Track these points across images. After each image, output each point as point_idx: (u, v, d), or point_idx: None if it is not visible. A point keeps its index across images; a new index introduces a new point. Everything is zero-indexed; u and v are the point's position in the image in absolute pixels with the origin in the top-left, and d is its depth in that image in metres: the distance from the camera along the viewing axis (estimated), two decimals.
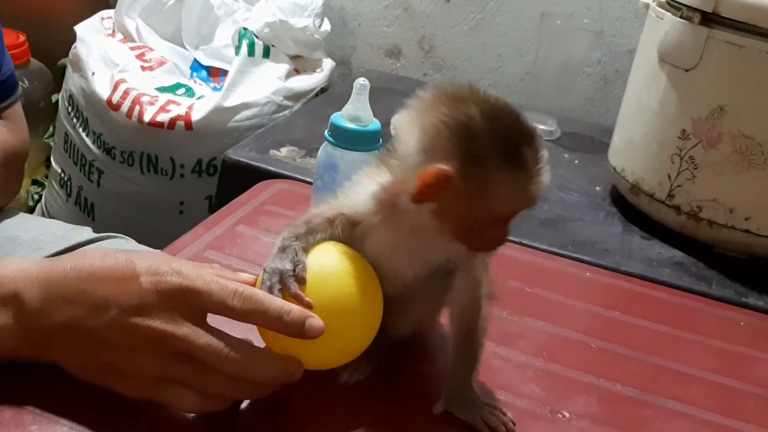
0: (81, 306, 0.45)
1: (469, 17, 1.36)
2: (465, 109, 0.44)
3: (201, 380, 0.45)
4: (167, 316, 0.44)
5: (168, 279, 0.44)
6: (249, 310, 0.45)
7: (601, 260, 0.79)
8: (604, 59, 1.30)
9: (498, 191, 0.44)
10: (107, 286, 0.45)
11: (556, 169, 1.03)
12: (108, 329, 0.44)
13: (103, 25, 1.30)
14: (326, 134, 0.69)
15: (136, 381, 0.46)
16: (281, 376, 0.47)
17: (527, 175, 0.44)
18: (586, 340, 0.66)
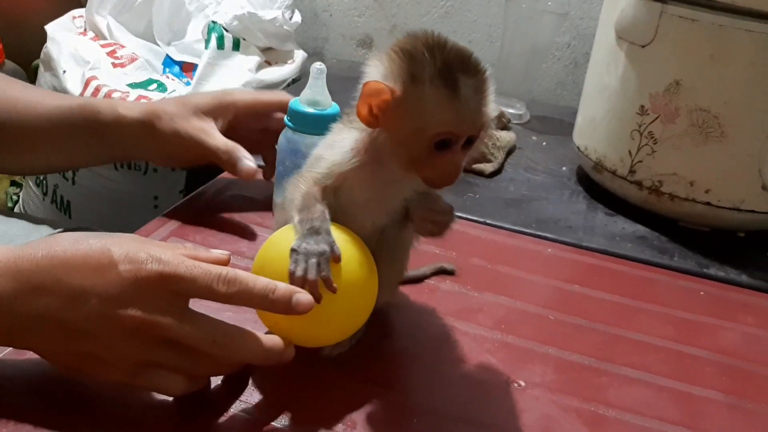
0: (57, 296, 0.44)
1: (439, 5, 1.37)
2: (413, 41, 0.49)
3: (187, 364, 0.46)
4: (149, 305, 0.44)
5: (148, 267, 0.44)
6: (234, 292, 0.45)
7: (564, 237, 0.80)
8: (573, 42, 1.31)
9: (430, 108, 0.47)
10: (84, 274, 0.44)
11: (523, 151, 1.04)
12: (88, 320, 0.44)
13: (74, 24, 1.30)
14: (286, 119, 0.69)
15: (118, 368, 0.45)
16: (269, 359, 0.48)
17: (460, 98, 0.47)
18: (545, 313, 0.67)
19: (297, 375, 0.52)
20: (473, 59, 0.49)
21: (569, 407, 0.55)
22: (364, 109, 0.49)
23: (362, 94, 0.48)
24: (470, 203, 0.86)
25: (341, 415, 0.50)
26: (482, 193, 0.89)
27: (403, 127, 0.48)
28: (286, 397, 0.51)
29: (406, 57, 0.48)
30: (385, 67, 0.49)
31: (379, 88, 0.47)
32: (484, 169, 0.93)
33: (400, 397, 0.53)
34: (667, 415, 0.55)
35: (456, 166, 0.49)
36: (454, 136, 0.48)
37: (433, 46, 0.48)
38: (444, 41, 0.48)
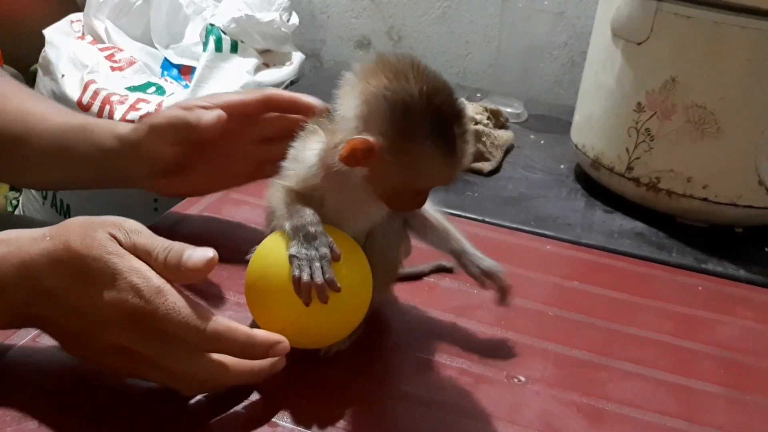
0: (54, 307, 0.46)
1: (436, 5, 1.37)
2: (406, 85, 0.46)
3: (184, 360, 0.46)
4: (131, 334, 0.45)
5: (129, 300, 0.44)
6: (209, 348, 0.46)
7: (563, 234, 0.81)
8: (570, 42, 1.32)
9: (424, 167, 0.47)
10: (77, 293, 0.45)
11: (521, 149, 1.04)
12: (78, 332, 0.46)
13: (72, 28, 1.31)
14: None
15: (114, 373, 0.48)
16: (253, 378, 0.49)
17: (453, 154, 0.46)
18: (544, 309, 0.67)
19: (296, 371, 0.53)
20: (459, 101, 0.47)
21: (569, 402, 0.55)
22: (350, 161, 0.47)
23: (348, 147, 0.46)
24: (469, 202, 0.86)
25: (341, 410, 0.50)
26: (481, 192, 0.89)
27: (388, 177, 0.47)
28: (285, 393, 0.51)
29: (396, 106, 0.45)
30: (369, 108, 0.46)
31: (368, 146, 0.46)
32: (482, 167, 0.94)
33: (400, 392, 0.53)
34: (666, 409, 0.56)
35: (425, 201, 0.51)
36: (433, 186, 0.49)
37: (424, 92, 0.45)
38: (432, 81, 0.46)
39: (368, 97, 0.46)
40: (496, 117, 1.04)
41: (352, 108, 0.47)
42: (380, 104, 0.46)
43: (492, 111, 1.03)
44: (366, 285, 0.52)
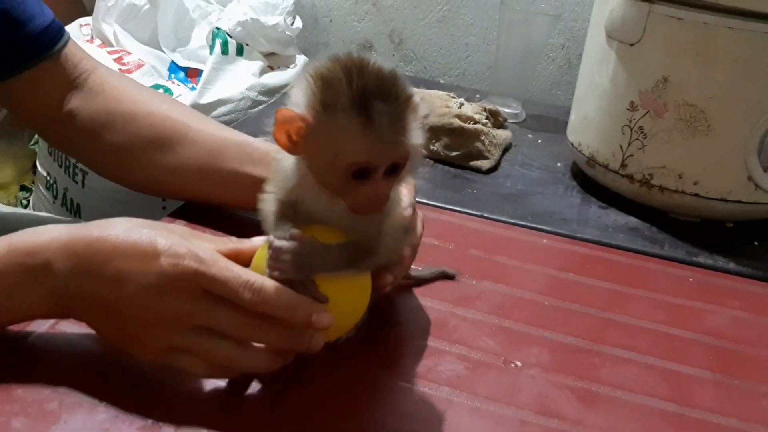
0: (103, 277, 0.48)
1: (436, 9, 1.40)
2: (333, 65, 0.47)
3: (210, 352, 0.49)
4: (182, 296, 0.47)
5: (185, 263, 0.47)
6: (259, 301, 0.48)
7: (559, 229, 0.84)
8: (567, 44, 1.35)
9: (342, 137, 0.46)
10: (129, 261, 0.47)
11: (519, 148, 1.07)
12: (125, 303, 0.48)
13: (81, 32, 1.34)
14: None
15: (150, 350, 0.49)
16: (297, 344, 0.50)
17: (374, 126, 0.46)
18: (540, 299, 0.70)
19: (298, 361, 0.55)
20: (394, 84, 0.47)
21: (563, 385, 0.58)
22: (282, 137, 0.47)
23: (275, 122, 0.47)
24: (468, 198, 0.89)
25: (343, 393, 0.53)
26: (479, 189, 0.92)
27: (318, 155, 0.48)
28: (287, 377, 0.54)
29: (321, 82, 0.46)
30: (303, 92, 0.47)
31: (290, 115, 0.46)
32: (481, 165, 0.97)
33: (401, 376, 0.56)
34: (656, 392, 0.58)
35: (378, 195, 0.48)
36: (370, 166, 0.47)
37: (351, 71, 0.46)
38: (365, 65, 0.46)
39: (300, 81, 0.48)
40: (494, 117, 1.06)
41: (291, 97, 0.48)
42: (307, 83, 0.47)
43: (491, 111, 1.06)
44: (364, 281, 0.53)
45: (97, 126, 0.72)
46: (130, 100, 0.73)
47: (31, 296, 0.50)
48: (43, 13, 0.73)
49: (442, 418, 0.53)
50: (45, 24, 0.73)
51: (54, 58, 0.72)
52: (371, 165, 0.47)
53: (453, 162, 0.98)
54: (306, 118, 0.47)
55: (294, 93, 0.48)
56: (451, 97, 1.04)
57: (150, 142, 0.71)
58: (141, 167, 0.73)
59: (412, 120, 0.47)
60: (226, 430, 0.49)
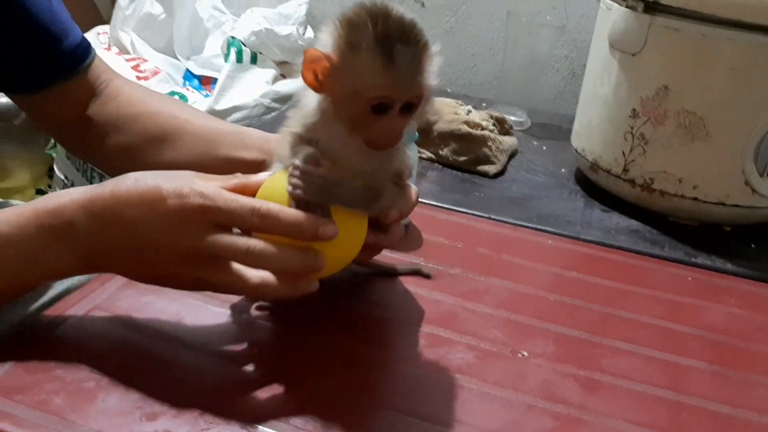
0: (120, 228, 0.51)
1: (444, 20, 1.45)
2: (359, 10, 0.51)
3: (230, 281, 0.52)
4: (192, 232, 0.50)
5: (191, 200, 0.50)
6: (266, 225, 0.51)
7: (563, 230, 0.87)
8: (571, 55, 1.39)
9: (366, 73, 0.50)
10: (139, 209, 0.51)
11: (525, 154, 1.11)
12: (143, 248, 0.52)
13: (99, 40, 1.38)
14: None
15: (178, 284, 0.54)
16: (303, 265, 0.52)
17: (395, 63, 0.50)
18: (545, 295, 0.73)
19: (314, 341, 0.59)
20: (414, 30, 0.51)
21: (567, 373, 0.61)
22: (309, 75, 0.52)
23: (304, 61, 0.51)
24: (475, 201, 0.93)
25: (360, 377, 0.57)
26: (486, 193, 0.96)
27: (341, 91, 0.51)
28: (294, 357, 0.57)
29: (348, 25, 0.51)
30: (330, 34, 0.51)
31: (317, 55, 0.51)
32: (488, 170, 1.00)
33: (416, 365, 0.59)
34: (654, 381, 0.62)
35: (394, 130, 0.52)
36: (389, 100, 0.51)
37: (376, 15, 0.50)
38: (388, 11, 0.50)
39: (328, 25, 0.52)
40: (501, 124, 1.10)
41: (319, 39, 0.52)
42: (335, 26, 0.51)
43: (497, 118, 1.10)
44: (363, 221, 0.55)
45: (107, 129, 0.76)
46: (139, 103, 0.77)
47: (58, 254, 0.53)
48: (75, 30, 0.77)
49: (454, 401, 0.56)
50: (77, 41, 0.77)
51: (82, 73, 0.76)
52: (390, 100, 0.51)
53: (461, 167, 1.01)
54: (332, 57, 0.51)
55: (322, 35, 0.52)
56: (459, 105, 1.08)
57: (153, 139, 0.74)
58: (146, 164, 0.75)
59: (428, 63, 0.52)
60: (249, 409, 0.52)
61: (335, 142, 0.54)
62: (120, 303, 0.62)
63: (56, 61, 0.75)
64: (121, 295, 0.63)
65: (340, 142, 0.53)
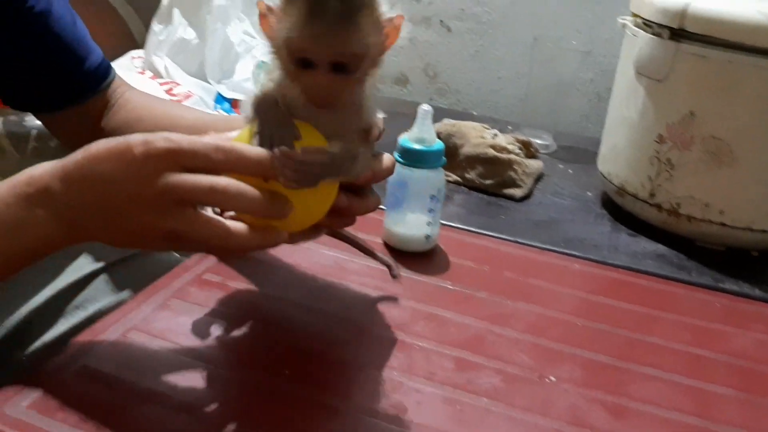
0: (93, 184, 0.51)
1: (469, 45, 1.46)
2: None
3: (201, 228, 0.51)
4: (158, 176, 0.50)
5: (156, 144, 0.50)
6: (232, 160, 0.50)
7: (590, 254, 0.88)
8: (596, 78, 1.40)
9: (291, 25, 0.50)
10: (108, 163, 0.51)
11: (551, 177, 1.11)
12: (115, 200, 0.51)
13: (133, 64, 1.42)
14: (396, 156, 0.77)
15: (152, 240, 0.53)
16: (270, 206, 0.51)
17: (319, 19, 0.49)
18: (572, 319, 0.74)
19: (337, 356, 0.60)
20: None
21: (595, 399, 0.62)
22: (264, 27, 0.53)
23: (258, 13, 0.52)
24: (502, 225, 0.94)
25: (390, 403, 0.58)
26: (513, 216, 0.97)
27: (275, 40, 0.52)
28: (327, 388, 0.58)
29: None
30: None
31: (263, 6, 0.52)
32: (514, 193, 1.01)
33: (444, 388, 0.60)
34: (682, 407, 0.62)
35: (321, 87, 0.51)
36: (308, 55, 0.50)
37: None
38: None
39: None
40: (526, 147, 1.11)
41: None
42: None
43: (522, 142, 1.11)
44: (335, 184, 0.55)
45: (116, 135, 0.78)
46: (142, 108, 0.80)
47: (38, 221, 0.53)
48: (96, 51, 0.81)
49: (481, 425, 0.57)
50: (98, 61, 0.80)
51: (102, 92, 0.79)
52: (307, 56, 0.50)
53: (487, 190, 1.02)
54: (272, 9, 0.52)
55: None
56: (485, 128, 1.10)
57: None
58: None
59: (368, 23, 0.51)
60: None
61: (295, 99, 0.53)
62: (156, 324, 0.64)
63: (79, 82, 0.78)
64: (157, 316, 0.65)
65: (298, 99, 0.53)
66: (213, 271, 0.74)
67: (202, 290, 0.70)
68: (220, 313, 0.67)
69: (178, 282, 0.71)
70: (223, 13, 1.39)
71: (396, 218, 0.81)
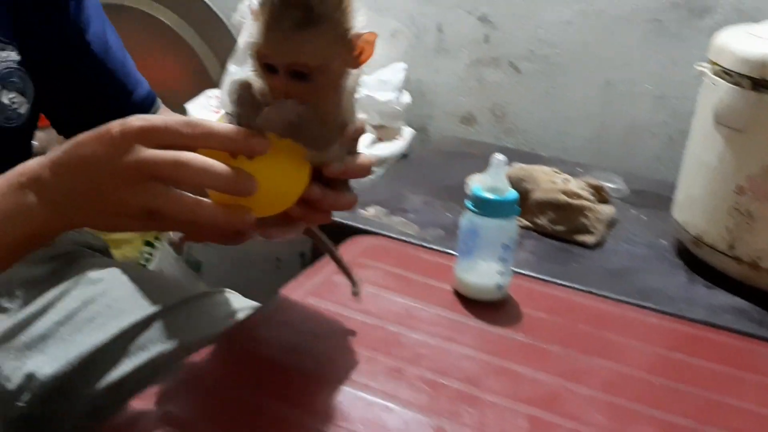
0: (76, 167, 0.54)
1: (538, 86, 1.46)
2: None
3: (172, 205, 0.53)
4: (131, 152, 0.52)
5: (131, 122, 0.53)
6: (200, 134, 0.52)
7: (665, 307, 0.86)
8: (669, 120, 1.37)
9: (256, 29, 0.54)
10: (89, 145, 0.54)
11: (623, 224, 1.10)
12: (95, 180, 0.53)
13: (209, 102, 1.47)
14: (468, 204, 0.78)
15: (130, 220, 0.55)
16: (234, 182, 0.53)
17: (276, 27, 0.53)
18: (648, 377, 0.72)
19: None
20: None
21: None
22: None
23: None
24: (574, 273, 0.92)
25: None
26: (585, 264, 0.95)
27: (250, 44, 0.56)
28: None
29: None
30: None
31: (252, 8, 0.57)
32: (586, 240, 1.00)
33: None
34: None
35: (277, 91, 0.54)
36: (267, 61, 0.54)
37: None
38: None
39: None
40: (598, 192, 1.10)
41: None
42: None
43: (594, 186, 1.10)
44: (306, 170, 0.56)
45: None
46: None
47: (30, 207, 0.55)
48: (143, 83, 0.86)
49: None
50: (145, 93, 0.85)
51: None
52: (267, 61, 0.54)
53: (558, 236, 1.02)
54: (255, 12, 0.54)
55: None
56: (556, 173, 1.09)
57: None
58: None
59: (326, 37, 0.53)
60: None
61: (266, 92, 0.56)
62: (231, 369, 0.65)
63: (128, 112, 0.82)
64: (230, 362, 0.66)
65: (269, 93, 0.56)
66: (284, 317, 0.75)
67: (272, 333, 0.71)
68: (290, 362, 0.68)
69: (252, 324, 0.73)
70: None
71: (467, 266, 0.81)
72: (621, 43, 1.38)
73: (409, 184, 1.21)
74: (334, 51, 0.54)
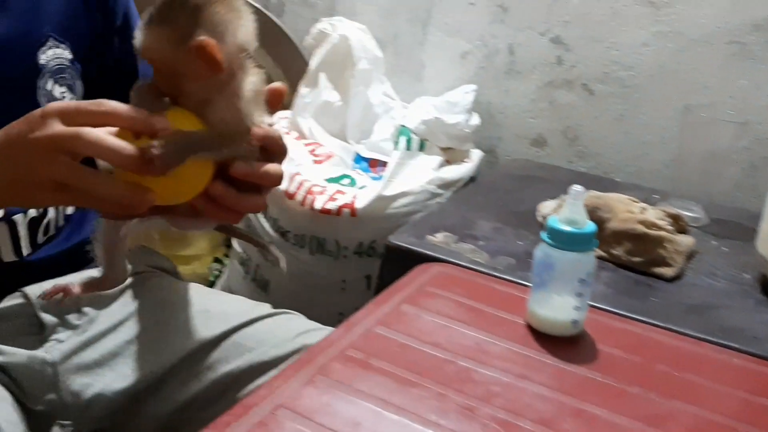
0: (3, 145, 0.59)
1: (613, 108, 1.43)
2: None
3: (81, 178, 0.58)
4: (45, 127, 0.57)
5: (53, 105, 0.58)
6: (102, 112, 0.57)
7: (750, 347, 0.82)
8: (751, 146, 1.32)
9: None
10: (18, 125, 0.59)
11: (703, 255, 1.05)
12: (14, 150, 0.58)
13: (280, 125, 1.49)
14: (544, 236, 0.76)
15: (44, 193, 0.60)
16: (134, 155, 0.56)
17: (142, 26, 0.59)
18: (734, 424, 0.68)
19: None
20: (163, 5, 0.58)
21: None
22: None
23: None
24: (652, 308, 0.89)
25: None
26: (663, 298, 0.92)
27: None
28: None
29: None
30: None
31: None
32: (664, 273, 0.97)
33: None
34: None
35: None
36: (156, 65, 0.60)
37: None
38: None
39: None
40: (676, 221, 1.06)
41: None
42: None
43: (672, 215, 1.06)
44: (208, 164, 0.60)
45: None
46: None
47: None
48: None
49: None
50: None
51: None
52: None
53: (635, 268, 0.98)
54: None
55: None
56: (633, 201, 1.06)
57: None
58: None
59: (161, 38, 0.59)
60: None
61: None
62: (302, 402, 0.65)
63: None
64: (302, 393, 0.66)
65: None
66: (356, 347, 0.74)
67: (346, 367, 0.71)
68: (362, 393, 0.67)
69: (323, 357, 0.72)
70: (366, 76, 1.43)
71: (541, 300, 0.79)
72: (700, 67, 1.33)
73: (477, 209, 1.19)
74: (171, 53, 0.58)
